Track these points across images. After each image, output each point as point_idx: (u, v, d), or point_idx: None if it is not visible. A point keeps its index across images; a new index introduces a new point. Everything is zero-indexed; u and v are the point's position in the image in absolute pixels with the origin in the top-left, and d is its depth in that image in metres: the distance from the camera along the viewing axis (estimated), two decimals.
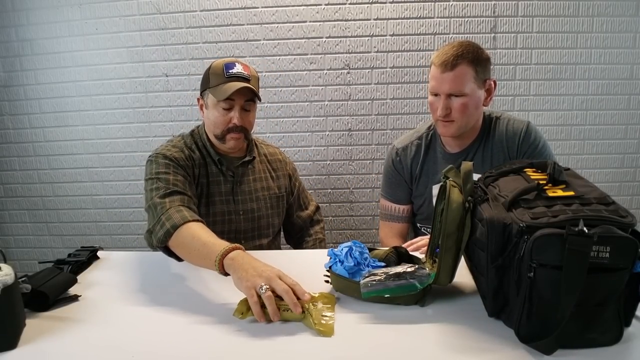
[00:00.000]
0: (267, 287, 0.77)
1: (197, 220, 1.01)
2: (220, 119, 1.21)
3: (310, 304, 0.80)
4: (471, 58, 1.15)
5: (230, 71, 1.18)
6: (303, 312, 0.78)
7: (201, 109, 1.28)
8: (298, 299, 0.78)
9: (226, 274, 0.86)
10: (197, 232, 0.96)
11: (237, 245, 0.89)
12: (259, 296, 0.78)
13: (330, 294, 0.88)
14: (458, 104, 1.18)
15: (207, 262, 0.88)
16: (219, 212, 1.25)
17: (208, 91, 1.21)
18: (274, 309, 0.77)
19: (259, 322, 0.78)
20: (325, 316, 0.78)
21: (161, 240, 0.99)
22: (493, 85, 1.24)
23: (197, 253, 0.93)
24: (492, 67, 1.25)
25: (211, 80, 1.20)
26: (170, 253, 1.02)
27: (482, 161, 1.28)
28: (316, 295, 0.85)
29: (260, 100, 1.25)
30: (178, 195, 1.08)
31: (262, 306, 0.78)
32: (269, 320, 0.78)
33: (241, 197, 1.29)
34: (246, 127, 1.24)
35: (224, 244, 0.89)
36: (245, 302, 0.80)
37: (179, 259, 1.02)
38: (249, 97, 1.21)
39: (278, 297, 0.79)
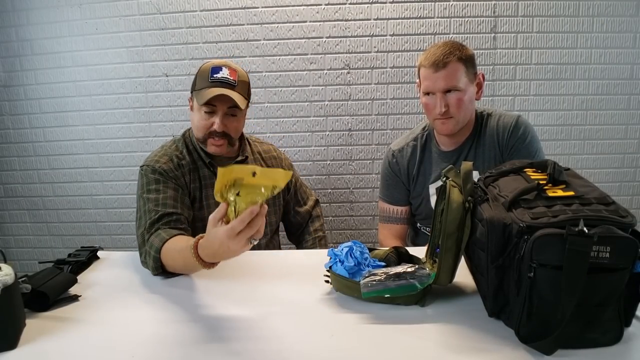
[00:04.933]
0: (254, 240, 0.74)
1: (173, 236, 1.01)
2: (202, 122, 1.18)
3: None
4: (459, 55, 1.20)
5: (215, 76, 1.16)
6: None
7: (191, 109, 1.26)
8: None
9: (212, 266, 0.84)
10: (171, 247, 0.97)
11: (199, 235, 0.85)
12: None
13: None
14: (454, 100, 1.21)
15: (194, 267, 0.86)
16: None
17: (194, 93, 1.20)
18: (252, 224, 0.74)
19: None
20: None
21: (154, 268, 1.00)
22: (482, 79, 1.28)
23: (182, 264, 0.94)
24: (477, 60, 1.29)
25: (197, 82, 1.19)
26: (174, 274, 1.02)
27: (475, 157, 1.30)
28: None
29: (241, 109, 1.19)
30: (165, 219, 1.07)
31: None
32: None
33: None
34: (229, 133, 1.20)
35: (189, 243, 0.86)
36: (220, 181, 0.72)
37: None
38: (231, 104, 1.17)
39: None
